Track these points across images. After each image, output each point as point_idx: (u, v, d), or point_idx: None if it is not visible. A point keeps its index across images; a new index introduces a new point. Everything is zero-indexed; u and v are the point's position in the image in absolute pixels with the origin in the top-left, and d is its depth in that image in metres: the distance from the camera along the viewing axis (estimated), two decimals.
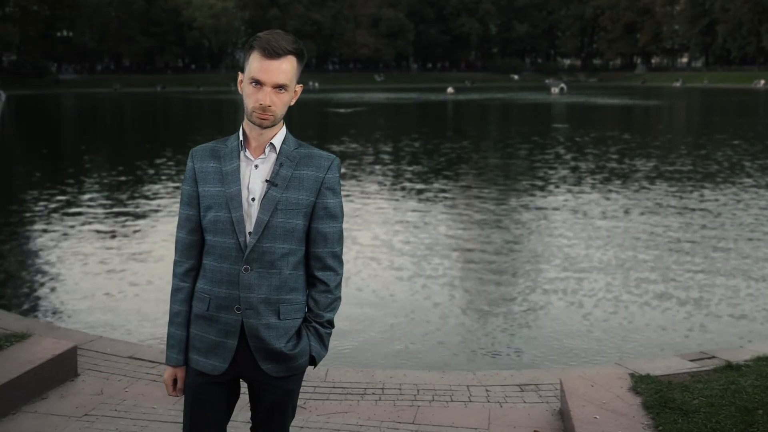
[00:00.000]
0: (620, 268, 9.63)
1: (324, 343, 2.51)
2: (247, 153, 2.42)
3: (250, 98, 2.33)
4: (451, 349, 7.02)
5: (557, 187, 16.63)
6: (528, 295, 8.67)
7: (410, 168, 20.12)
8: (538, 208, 14.11)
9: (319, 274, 2.47)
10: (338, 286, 2.52)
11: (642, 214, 13.34)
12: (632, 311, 8.04)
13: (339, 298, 2.53)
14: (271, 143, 2.42)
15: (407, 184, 17.11)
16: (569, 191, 15.92)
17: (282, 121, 2.45)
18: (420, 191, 16.17)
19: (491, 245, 11.20)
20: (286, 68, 2.32)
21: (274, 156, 2.42)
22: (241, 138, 2.43)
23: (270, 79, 2.30)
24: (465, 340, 7.29)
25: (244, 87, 2.37)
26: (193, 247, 2.48)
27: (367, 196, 15.33)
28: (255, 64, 2.31)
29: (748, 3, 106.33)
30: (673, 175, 18.17)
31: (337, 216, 2.47)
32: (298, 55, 2.35)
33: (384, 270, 9.68)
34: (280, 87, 2.32)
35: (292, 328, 2.43)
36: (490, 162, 22.26)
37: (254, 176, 2.40)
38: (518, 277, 9.49)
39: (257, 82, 2.32)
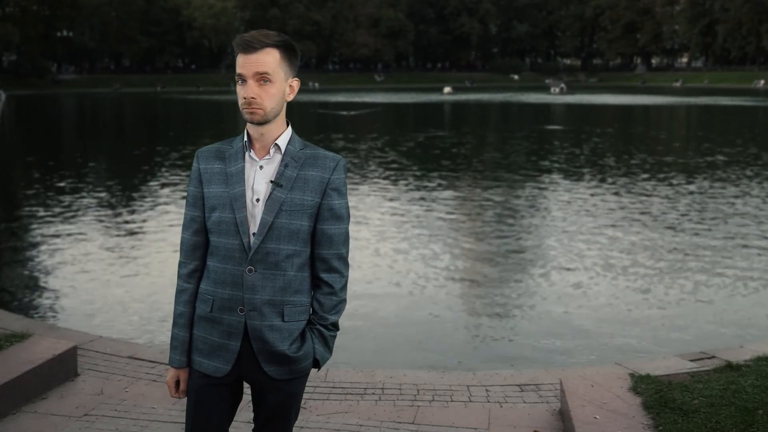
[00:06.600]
0: (620, 267, 9.63)
1: (328, 345, 2.49)
2: (252, 154, 2.41)
3: (239, 96, 2.35)
4: (451, 349, 7.02)
5: (557, 186, 16.63)
6: (528, 294, 8.68)
7: (412, 166, 20.14)
8: (538, 207, 14.12)
9: (324, 276, 2.45)
10: (343, 288, 2.50)
11: (642, 213, 13.34)
12: (632, 311, 8.04)
13: (344, 301, 2.51)
14: (276, 144, 2.41)
15: (406, 184, 17.14)
16: (569, 190, 15.92)
17: (287, 122, 2.45)
18: (419, 190, 16.19)
19: (490, 244, 11.20)
20: (264, 59, 2.30)
21: (279, 157, 2.41)
22: (245, 139, 2.43)
23: (249, 70, 2.30)
24: (465, 340, 7.30)
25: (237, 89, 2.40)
26: (198, 248, 2.47)
27: (364, 193, 15.35)
28: (238, 62, 2.34)
29: (748, 3, 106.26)
30: (675, 174, 18.18)
31: (342, 217, 2.45)
32: (281, 48, 2.33)
33: (382, 269, 9.69)
34: (262, 78, 2.30)
35: (296, 330, 2.42)
36: (490, 159, 22.27)
37: (259, 177, 2.39)
38: (517, 276, 9.50)
39: (242, 79, 2.33)
